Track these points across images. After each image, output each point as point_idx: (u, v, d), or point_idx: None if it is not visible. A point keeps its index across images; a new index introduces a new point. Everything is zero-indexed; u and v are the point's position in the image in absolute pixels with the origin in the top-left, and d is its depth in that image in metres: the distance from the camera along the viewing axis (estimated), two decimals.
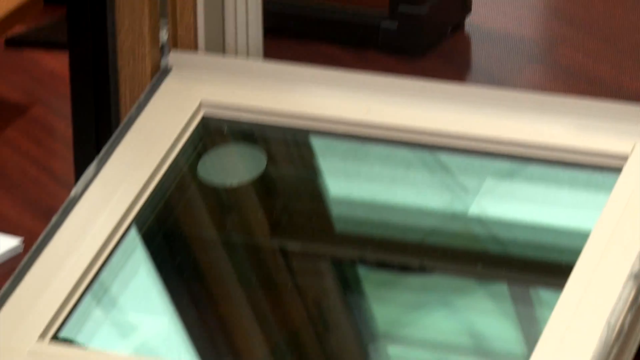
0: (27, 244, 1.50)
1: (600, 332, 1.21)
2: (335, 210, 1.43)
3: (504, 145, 1.37)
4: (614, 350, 1.21)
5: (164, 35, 1.45)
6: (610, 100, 1.38)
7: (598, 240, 1.28)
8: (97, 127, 1.46)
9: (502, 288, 1.35)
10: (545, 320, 1.23)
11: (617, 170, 1.32)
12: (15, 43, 1.85)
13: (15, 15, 1.73)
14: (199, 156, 1.42)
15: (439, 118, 1.39)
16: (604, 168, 1.34)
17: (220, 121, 1.43)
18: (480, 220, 1.38)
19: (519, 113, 1.38)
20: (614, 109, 1.36)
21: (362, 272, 1.39)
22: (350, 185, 1.43)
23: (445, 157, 1.40)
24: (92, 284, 1.32)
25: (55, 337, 1.28)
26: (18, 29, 1.81)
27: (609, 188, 1.31)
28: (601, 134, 1.35)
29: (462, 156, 1.39)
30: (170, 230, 1.40)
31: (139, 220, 1.36)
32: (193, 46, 1.46)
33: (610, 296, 1.23)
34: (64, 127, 1.54)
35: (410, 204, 1.40)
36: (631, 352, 1.25)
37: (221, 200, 1.42)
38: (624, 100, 1.39)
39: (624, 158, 1.33)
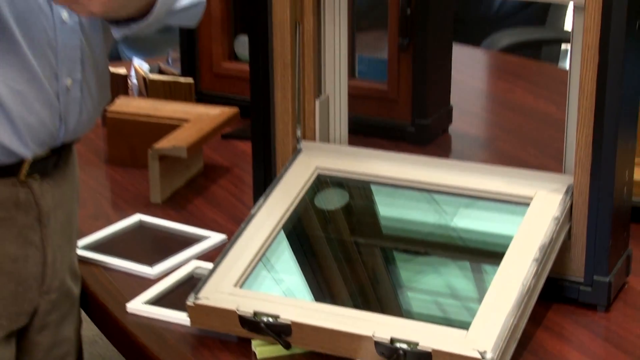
0: (229, 237, 1.45)
1: (519, 288, 1.15)
2: (383, 222, 1.37)
3: (467, 190, 1.31)
4: (525, 299, 1.15)
5: (298, 132, 1.39)
6: (522, 168, 1.32)
7: (518, 240, 1.22)
8: (265, 179, 1.40)
9: (466, 264, 1.29)
10: (489, 282, 1.18)
11: (527, 204, 1.26)
12: (226, 136, 1.81)
13: (226, 123, 1.71)
14: (315, 194, 1.36)
15: (434, 175, 1.33)
16: (520, 203, 1.27)
17: (326, 176, 1.37)
18: (455, 229, 1.31)
19: (475, 173, 1.32)
20: (524, 172, 1.30)
21: (395, 254, 1.33)
22: (390, 209, 1.36)
23: (437, 196, 1.33)
24: (261, 258, 1.26)
25: (242, 286, 1.22)
26: (227, 129, 1.77)
27: (522, 214, 1.25)
28: (518, 185, 1.29)
29: (446, 195, 1.32)
30: (300, 232, 1.33)
31: (285, 226, 1.30)
32: (313, 138, 1.40)
33: (524, 270, 1.18)
34: (249, 179, 1.46)
35: (419, 220, 1.34)
36: (534, 300, 1.19)
37: (326, 217, 1.36)
38: (530, 168, 1.32)
39: (531, 198, 1.27)
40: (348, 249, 1.33)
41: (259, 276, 1.25)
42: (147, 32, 1.20)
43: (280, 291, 1.26)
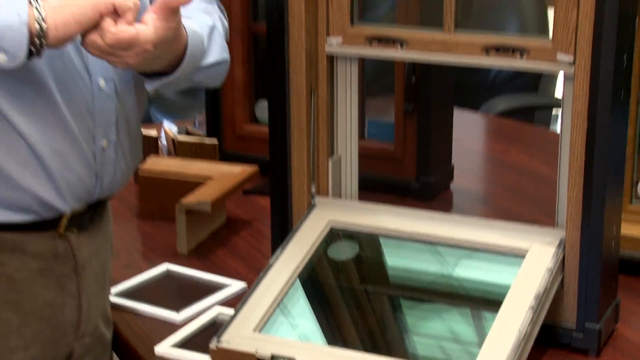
0: (248, 285, 1.44)
1: (516, 334, 1.14)
2: (390, 272, 1.36)
3: (467, 243, 1.30)
4: (522, 344, 1.14)
5: (312, 189, 1.39)
6: (517, 222, 1.31)
7: (514, 289, 1.21)
8: (282, 232, 1.40)
9: (467, 311, 1.28)
10: (489, 327, 1.17)
11: (523, 256, 1.25)
12: (247, 192, 1.80)
13: (247, 180, 1.71)
14: (328, 245, 1.35)
15: (437, 229, 1.32)
16: (517, 255, 1.26)
17: (338, 230, 1.36)
18: (456, 278, 1.30)
19: (475, 227, 1.31)
20: (520, 227, 1.29)
21: (402, 301, 1.32)
22: (397, 260, 1.36)
23: (440, 248, 1.32)
24: (278, 305, 1.26)
25: (260, 330, 1.22)
26: (248, 186, 1.76)
27: (518, 265, 1.24)
28: (514, 238, 1.28)
29: (448, 247, 1.31)
30: (315, 280, 1.32)
31: (300, 275, 1.30)
32: (326, 194, 1.40)
33: (520, 317, 1.17)
34: (268, 231, 1.45)
35: (423, 270, 1.33)
36: (530, 345, 1.18)
37: (338, 267, 1.35)
38: (525, 222, 1.31)
39: (526, 250, 1.26)
40: (358, 297, 1.33)
41: (277, 321, 1.25)
42: (176, 87, 1.22)
43: (296, 335, 1.25)
